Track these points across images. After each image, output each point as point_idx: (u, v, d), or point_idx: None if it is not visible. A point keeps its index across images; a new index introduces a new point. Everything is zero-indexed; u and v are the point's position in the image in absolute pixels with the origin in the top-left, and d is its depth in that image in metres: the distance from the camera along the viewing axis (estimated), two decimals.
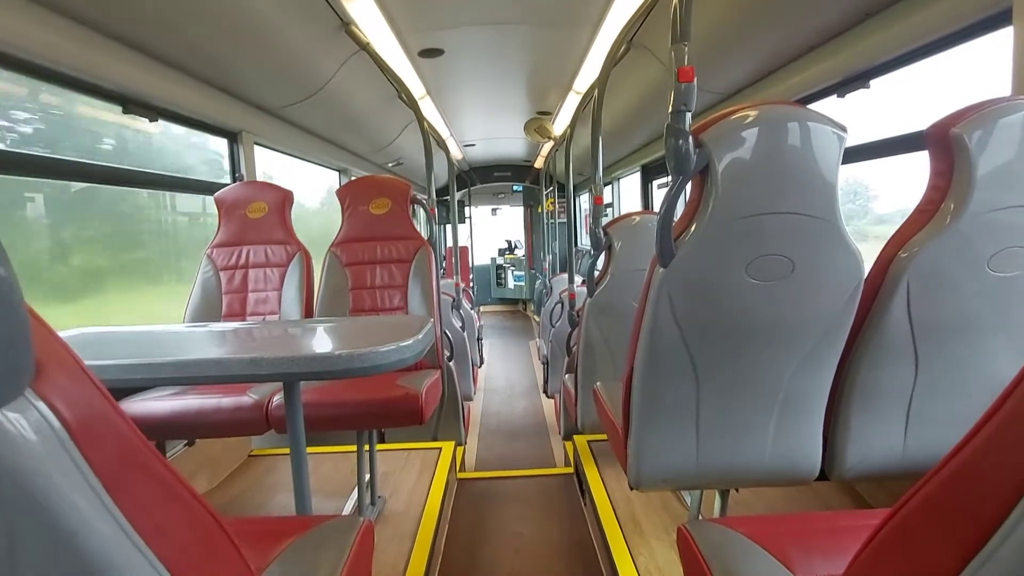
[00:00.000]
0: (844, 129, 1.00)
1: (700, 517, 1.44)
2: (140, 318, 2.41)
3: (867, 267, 1.08)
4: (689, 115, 1.01)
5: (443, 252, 5.71)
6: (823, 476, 1.23)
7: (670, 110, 1.02)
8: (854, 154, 1.90)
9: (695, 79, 1.02)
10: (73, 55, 1.67)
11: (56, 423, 0.40)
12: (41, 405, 0.39)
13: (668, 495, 1.94)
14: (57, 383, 0.41)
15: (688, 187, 1.05)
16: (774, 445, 1.17)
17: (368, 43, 2.46)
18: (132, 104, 2.01)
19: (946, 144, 0.99)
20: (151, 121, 2.13)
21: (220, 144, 2.74)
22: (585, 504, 2.18)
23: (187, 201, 2.77)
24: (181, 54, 2.08)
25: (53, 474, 0.39)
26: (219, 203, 2.31)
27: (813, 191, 1.00)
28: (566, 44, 2.91)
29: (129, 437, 0.47)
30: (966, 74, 1.65)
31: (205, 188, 2.50)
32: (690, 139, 1.00)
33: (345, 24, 2.30)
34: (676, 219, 1.07)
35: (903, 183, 2.17)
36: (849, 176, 2.38)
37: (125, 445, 0.46)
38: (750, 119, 0.98)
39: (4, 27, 1.43)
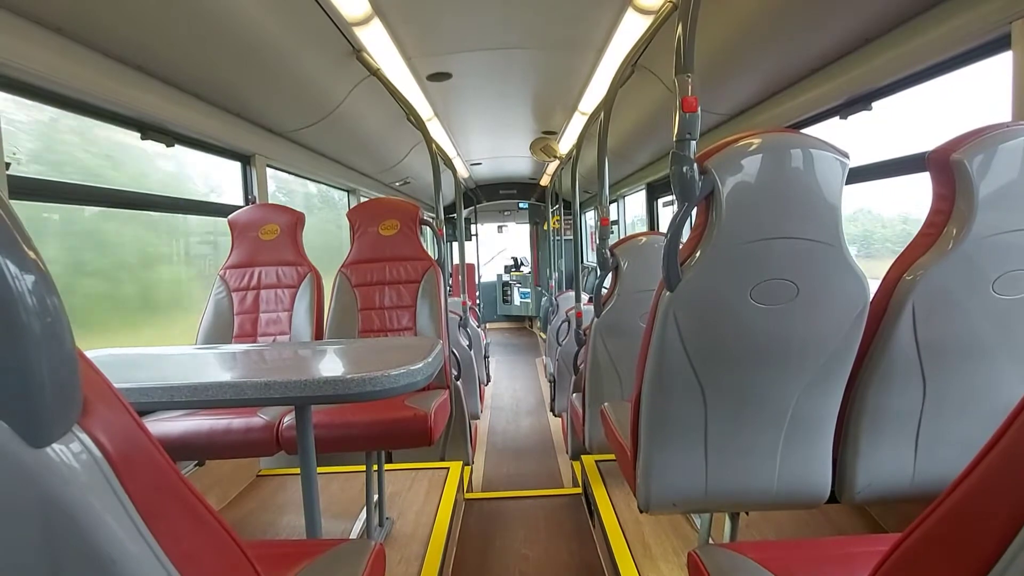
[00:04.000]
0: (846, 155, 1.02)
1: (710, 541, 1.43)
2: None
3: (872, 290, 1.09)
4: (694, 143, 1.04)
5: (449, 270, 5.76)
6: (833, 499, 1.23)
7: (675, 138, 1.04)
8: (856, 175, 1.92)
9: (699, 108, 1.05)
10: (94, 84, 1.73)
11: (99, 455, 0.42)
12: (85, 438, 0.41)
13: (678, 517, 1.93)
14: (99, 415, 0.43)
15: (694, 212, 1.07)
16: (783, 468, 1.17)
17: (378, 69, 2.53)
18: (150, 130, 2.07)
19: (947, 169, 1.01)
20: (168, 146, 2.18)
21: None
22: (594, 526, 2.16)
23: None
24: (197, 81, 2.14)
25: (96, 504, 0.40)
26: (232, 225, 2.35)
27: (817, 216, 1.01)
28: (571, 67, 2.97)
29: (162, 465, 0.49)
30: (969, 96, 1.68)
31: (219, 211, 2.55)
32: (695, 166, 1.02)
33: (356, 51, 2.36)
34: (682, 244, 1.08)
35: None
36: None
37: (158, 473, 0.48)
38: (754, 146, 1.01)
39: (29, 57, 1.49)
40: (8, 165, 1.43)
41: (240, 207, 2.48)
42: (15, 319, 0.36)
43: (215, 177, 2.85)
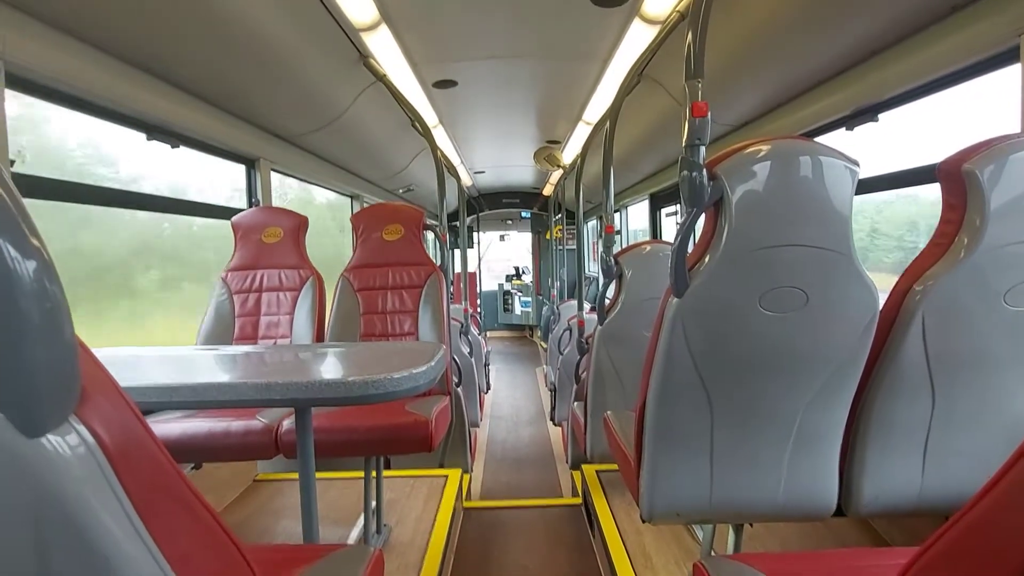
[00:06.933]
0: (856, 164, 1.01)
1: (713, 552, 1.41)
2: None
3: (882, 300, 1.08)
4: (703, 149, 1.03)
5: (451, 277, 5.75)
6: (839, 512, 1.21)
7: (684, 144, 1.04)
8: (865, 186, 1.91)
9: (709, 114, 1.05)
10: (102, 84, 1.73)
11: (96, 447, 0.40)
12: (83, 429, 0.40)
13: (679, 528, 1.90)
14: (98, 408, 0.42)
15: (702, 219, 1.06)
16: (789, 479, 1.15)
17: (385, 75, 2.53)
18: (156, 131, 2.07)
19: (958, 179, 1.00)
20: (172, 148, 2.18)
21: None
22: (594, 536, 2.13)
23: None
24: (204, 84, 2.15)
25: (91, 498, 0.39)
26: (236, 228, 2.35)
27: (826, 224, 1.01)
28: (576, 77, 2.98)
29: (161, 462, 0.47)
30: (976, 109, 1.67)
31: (222, 213, 2.54)
32: (704, 172, 1.01)
33: (363, 57, 2.37)
34: (690, 250, 1.08)
35: None
36: None
37: (157, 470, 0.47)
38: (763, 153, 1.00)
39: (38, 57, 1.49)
40: (12, 162, 1.43)
41: (242, 209, 2.48)
42: (14, 304, 0.35)
43: None
